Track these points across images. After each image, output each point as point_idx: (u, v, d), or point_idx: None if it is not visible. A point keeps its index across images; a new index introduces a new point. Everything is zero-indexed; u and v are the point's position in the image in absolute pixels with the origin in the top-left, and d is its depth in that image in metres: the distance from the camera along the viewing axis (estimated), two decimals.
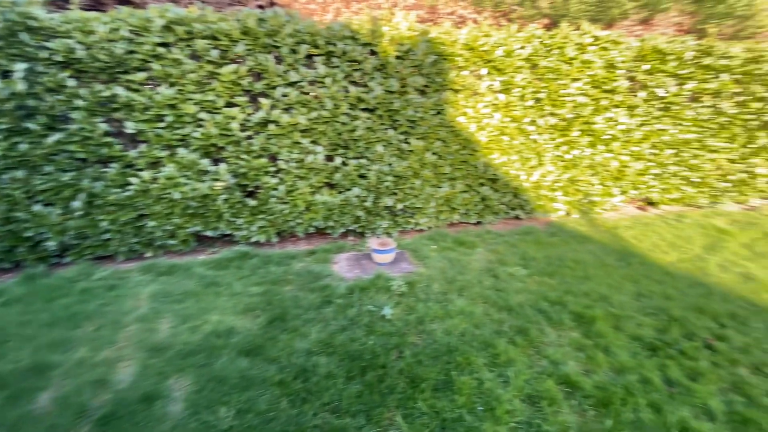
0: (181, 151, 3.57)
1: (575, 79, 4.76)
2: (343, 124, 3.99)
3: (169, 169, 3.57)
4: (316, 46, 3.74)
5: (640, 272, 3.53)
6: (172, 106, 3.47)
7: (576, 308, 2.88)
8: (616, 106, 5.08)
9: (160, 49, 3.34)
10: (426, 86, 4.25)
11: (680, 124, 5.27)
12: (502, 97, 4.57)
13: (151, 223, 3.68)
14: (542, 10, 6.85)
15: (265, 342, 2.41)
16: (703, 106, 5.26)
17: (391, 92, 4.08)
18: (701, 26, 6.40)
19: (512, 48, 4.46)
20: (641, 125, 5.21)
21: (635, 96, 5.13)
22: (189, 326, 2.56)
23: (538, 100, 4.77)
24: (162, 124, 3.49)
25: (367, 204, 4.32)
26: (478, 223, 5.04)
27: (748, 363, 2.27)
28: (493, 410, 1.93)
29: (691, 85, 5.13)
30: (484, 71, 4.44)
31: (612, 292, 3.14)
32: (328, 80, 3.80)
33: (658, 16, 6.94)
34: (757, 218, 5.14)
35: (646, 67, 5.03)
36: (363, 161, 4.22)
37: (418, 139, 4.35)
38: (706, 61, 5.12)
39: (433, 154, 4.47)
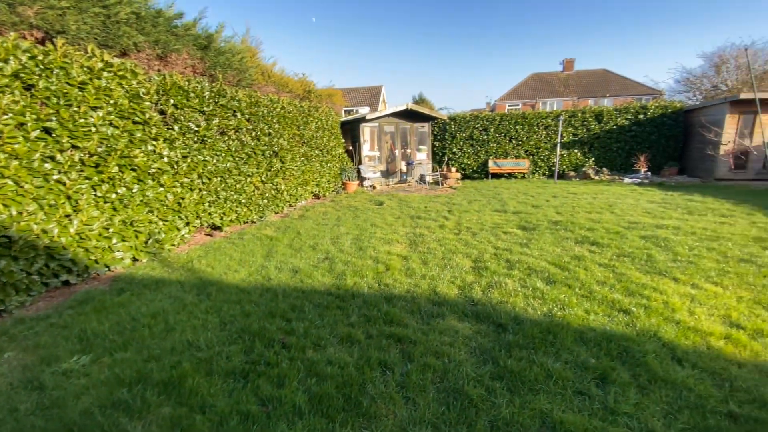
0: None
1: (94, 107, 4.04)
2: None
3: None
4: None
5: (221, 299, 3.58)
6: None
7: (161, 375, 2.40)
8: (155, 139, 4.89)
9: None
10: None
11: (218, 155, 5.92)
12: None
13: None
14: (28, 19, 5.35)
15: None
16: (231, 139, 6.19)
17: None
18: (211, 72, 7.51)
19: None
20: (185, 157, 5.34)
21: (172, 129, 5.16)
22: None
23: (48, 130, 3.64)
24: None
25: None
26: None
27: (311, 344, 2.80)
28: None
29: (216, 120, 5.85)
30: None
31: (198, 334, 2.94)
32: None
33: (174, 55, 7.41)
34: (290, 222, 6.83)
35: (172, 101, 5.15)
36: None
37: None
38: (222, 101, 6.01)
39: None
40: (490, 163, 13.94)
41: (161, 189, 4.96)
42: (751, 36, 35.96)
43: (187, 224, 5.45)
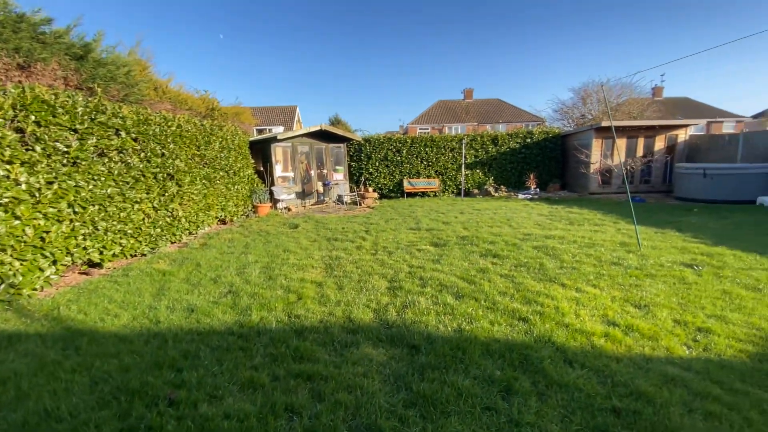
0: None
1: None
2: None
3: None
4: None
5: (93, 353, 2.96)
6: None
7: None
8: (9, 162, 4.02)
9: None
10: None
11: (96, 179, 5.08)
12: None
13: None
14: None
15: None
16: (113, 161, 5.38)
17: None
18: (89, 85, 6.53)
19: None
20: (50, 183, 4.48)
21: (32, 150, 4.30)
22: None
23: None
24: None
25: None
26: None
27: (205, 396, 2.43)
28: None
29: (93, 140, 5.04)
30: None
31: (59, 400, 2.35)
32: None
33: (40, 65, 6.30)
34: (190, 253, 6.12)
35: (34, 117, 4.31)
36: None
37: None
38: (101, 118, 5.22)
39: None
40: (405, 183, 14.50)
41: (16, 222, 4.06)
42: (606, 74, 44.14)
43: (54, 263, 4.52)
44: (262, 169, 11.54)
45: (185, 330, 3.37)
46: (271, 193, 10.96)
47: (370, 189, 13.93)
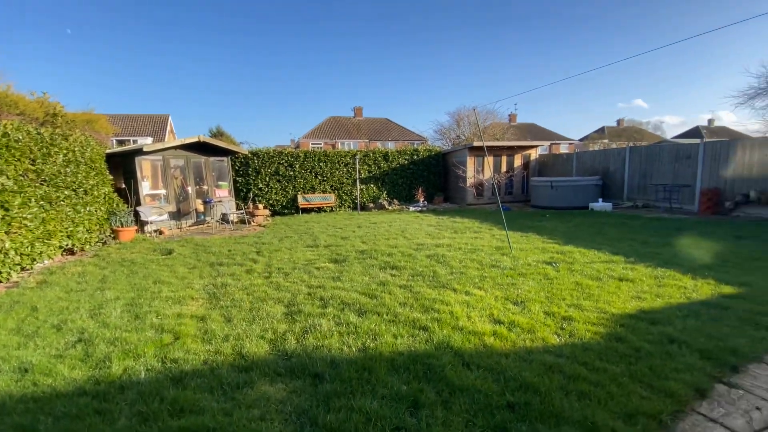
0: None
1: None
2: None
3: None
4: None
5: None
6: None
7: None
8: None
9: None
10: None
11: None
12: None
13: None
14: None
15: None
16: None
17: None
18: None
19: None
20: None
21: None
22: None
23: None
24: None
25: None
26: None
27: None
28: None
29: None
30: None
31: None
32: None
33: None
34: (22, 294, 4.73)
35: None
36: None
37: None
38: None
39: None
40: (300, 199, 14.04)
41: None
42: (476, 101, 51.02)
43: None
44: (124, 186, 9.80)
45: (16, 397, 2.52)
46: (137, 215, 9.35)
47: (261, 206, 13.07)
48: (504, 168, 15.66)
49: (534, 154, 16.55)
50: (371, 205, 14.86)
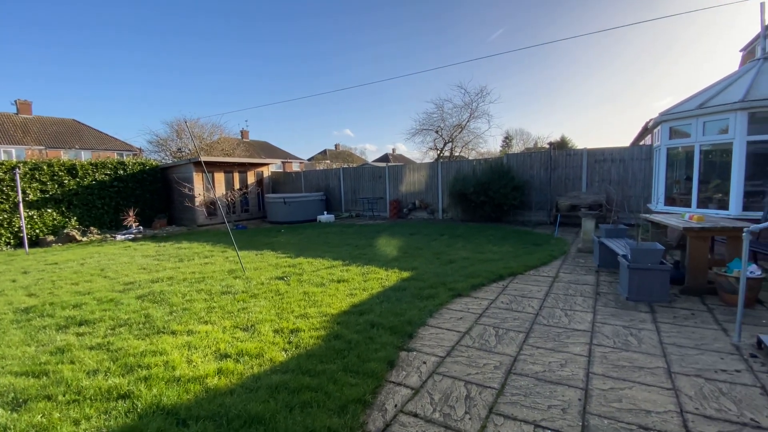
0: None
1: None
2: None
3: None
4: None
5: None
6: None
7: None
8: None
9: None
10: None
11: None
12: None
13: None
14: None
15: None
16: None
17: None
18: None
19: None
20: None
21: None
22: None
23: None
24: None
25: None
26: None
27: None
28: None
29: None
30: None
31: None
32: None
33: None
34: None
35: None
36: None
37: None
38: None
39: None
40: None
41: None
42: (197, 112, 47.16)
43: None
44: None
45: None
46: None
47: None
48: (237, 185, 15.22)
49: (267, 171, 17.01)
50: (51, 238, 10.78)
